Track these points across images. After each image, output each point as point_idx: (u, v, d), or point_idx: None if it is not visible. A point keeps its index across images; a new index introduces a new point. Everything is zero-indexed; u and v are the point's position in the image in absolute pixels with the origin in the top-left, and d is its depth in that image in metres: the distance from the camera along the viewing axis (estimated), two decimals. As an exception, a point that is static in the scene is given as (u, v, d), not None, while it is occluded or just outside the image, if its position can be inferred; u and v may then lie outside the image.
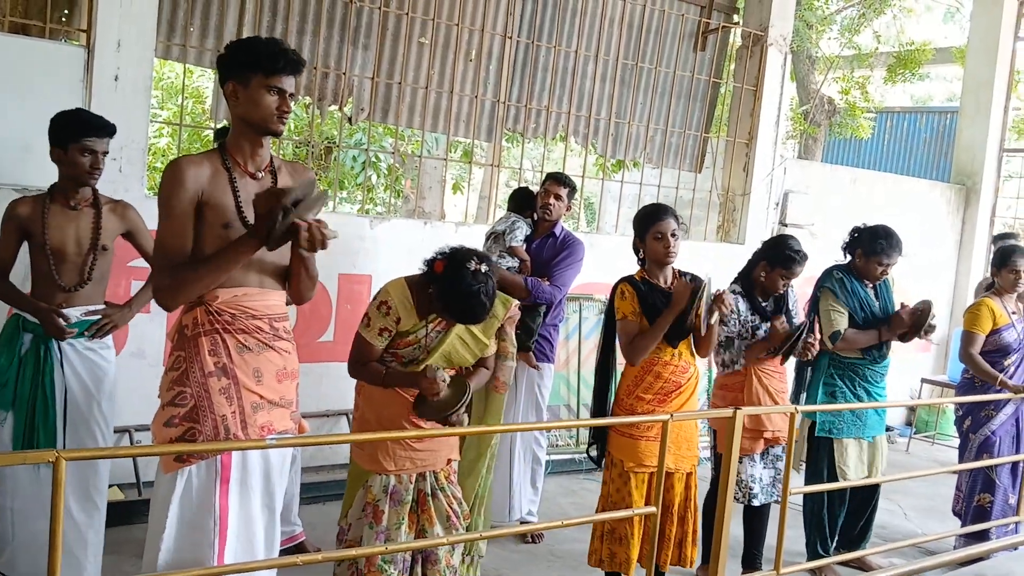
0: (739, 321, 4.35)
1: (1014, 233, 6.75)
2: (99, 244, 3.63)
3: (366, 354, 3.26)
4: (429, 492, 3.31)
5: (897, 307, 4.67)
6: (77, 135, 3.52)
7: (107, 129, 3.61)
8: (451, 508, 3.33)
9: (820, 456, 4.65)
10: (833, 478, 4.59)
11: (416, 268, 3.28)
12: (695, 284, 3.78)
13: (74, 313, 3.62)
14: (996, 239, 6.72)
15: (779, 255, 4.38)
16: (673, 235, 3.81)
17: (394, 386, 3.23)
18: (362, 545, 3.22)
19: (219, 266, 2.61)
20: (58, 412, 3.61)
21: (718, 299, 3.75)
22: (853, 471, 4.61)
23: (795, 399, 4.80)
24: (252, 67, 2.64)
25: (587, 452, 4.08)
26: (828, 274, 4.73)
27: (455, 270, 3.09)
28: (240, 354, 2.70)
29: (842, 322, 4.58)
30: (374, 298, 3.26)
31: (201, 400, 2.65)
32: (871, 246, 4.61)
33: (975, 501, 5.11)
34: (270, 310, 2.77)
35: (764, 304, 4.44)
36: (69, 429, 3.63)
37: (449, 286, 3.09)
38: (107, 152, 3.63)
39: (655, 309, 3.78)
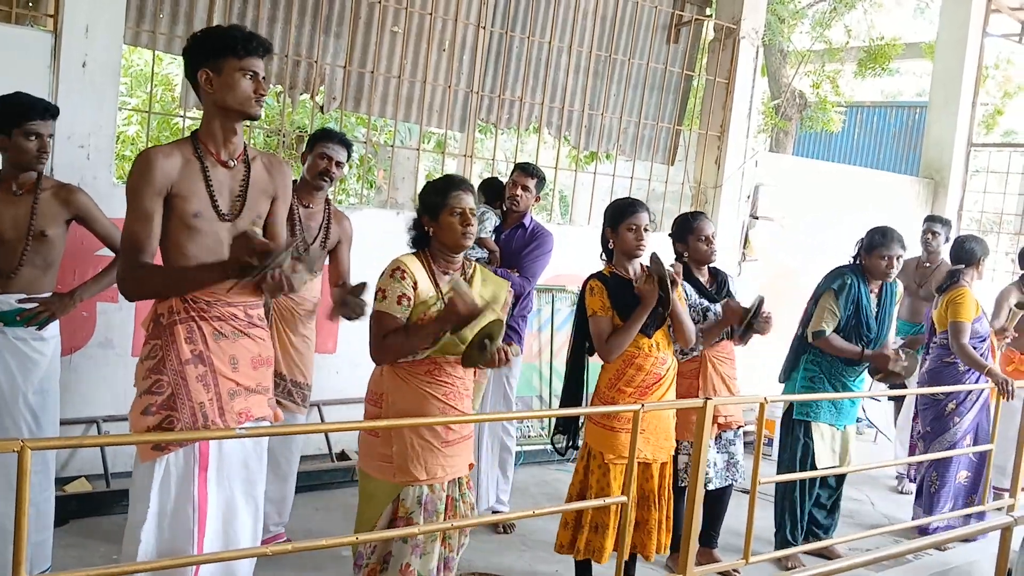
0: (689, 306, 4.41)
1: (945, 218, 6.72)
2: (33, 229, 3.50)
3: (387, 328, 3.02)
4: (457, 496, 3.21)
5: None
6: (21, 119, 3.41)
7: (51, 111, 3.52)
8: (467, 516, 3.28)
9: (795, 438, 4.73)
10: (805, 460, 4.67)
11: (389, 257, 3.24)
12: (656, 270, 3.81)
13: (7, 300, 3.51)
14: (929, 219, 6.67)
15: (678, 228, 4.55)
16: (645, 229, 3.88)
17: (422, 337, 2.98)
18: (394, 560, 3.07)
19: (183, 286, 2.67)
20: None
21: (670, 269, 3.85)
22: (826, 458, 4.69)
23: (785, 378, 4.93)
24: (224, 52, 2.63)
25: (551, 441, 4.09)
26: (839, 275, 4.78)
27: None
28: (216, 341, 2.71)
29: (830, 324, 4.67)
30: (383, 273, 3.11)
31: (179, 388, 2.65)
32: (869, 242, 4.71)
33: (955, 479, 5.34)
34: (244, 298, 2.78)
35: (710, 287, 4.51)
36: None
37: (426, 190, 3.23)
38: (52, 135, 3.54)
39: (625, 303, 3.81)
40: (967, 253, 5.31)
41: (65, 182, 3.73)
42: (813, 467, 4.66)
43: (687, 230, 4.48)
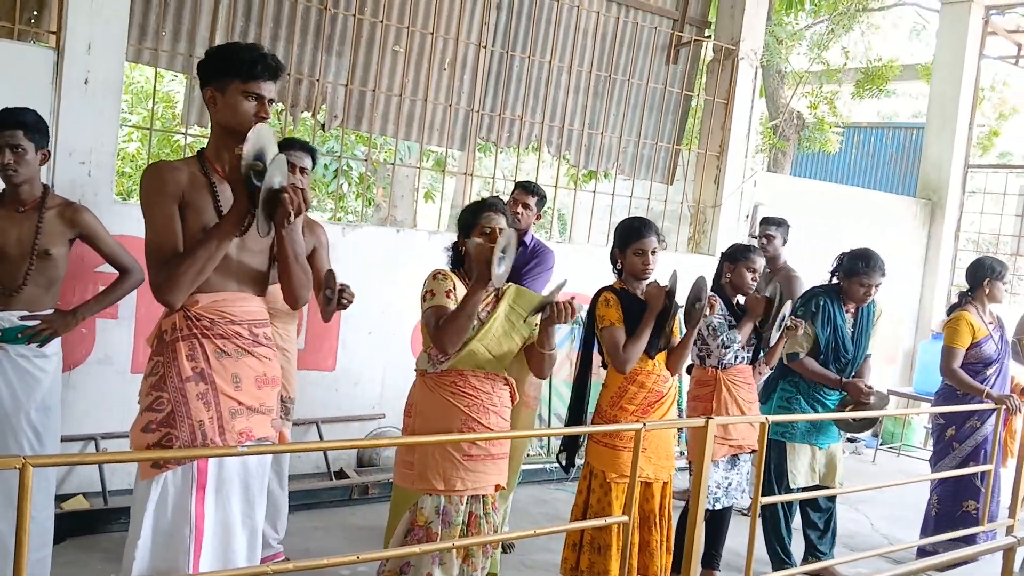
0: (725, 316, 4.46)
1: (779, 219, 6.41)
2: (38, 248, 3.49)
3: (441, 319, 3.18)
4: (481, 514, 3.24)
5: (874, 337, 4.82)
6: None
7: (8, 122, 3.43)
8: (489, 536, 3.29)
9: (768, 459, 4.70)
10: (780, 481, 4.67)
11: (389, 275, 3.28)
12: (667, 286, 3.81)
13: (9, 317, 3.50)
14: (763, 222, 6.43)
15: (735, 251, 4.58)
16: (653, 252, 3.87)
17: (471, 302, 3.11)
18: (414, 571, 3.13)
19: (210, 244, 2.58)
20: None
21: (710, 300, 3.84)
22: (803, 477, 4.68)
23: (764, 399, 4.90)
24: (230, 73, 2.63)
25: (557, 458, 4.09)
26: (813, 296, 4.79)
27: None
28: (218, 359, 2.68)
29: (805, 347, 4.70)
30: (425, 281, 3.29)
31: (178, 405, 2.62)
32: (851, 267, 4.70)
33: (961, 508, 5.23)
34: (249, 316, 2.75)
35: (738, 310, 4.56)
36: None
37: (462, 213, 3.40)
38: (21, 147, 3.45)
39: (635, 319, 3.80)
40: (970, 274, 5.32)
41: (71, 201, 3.71)
42: (788, 487, 4.65)
43: (741, 258, 4.53)
